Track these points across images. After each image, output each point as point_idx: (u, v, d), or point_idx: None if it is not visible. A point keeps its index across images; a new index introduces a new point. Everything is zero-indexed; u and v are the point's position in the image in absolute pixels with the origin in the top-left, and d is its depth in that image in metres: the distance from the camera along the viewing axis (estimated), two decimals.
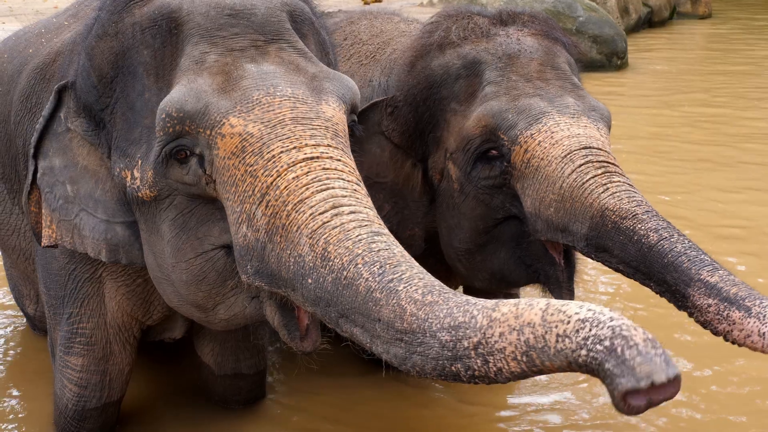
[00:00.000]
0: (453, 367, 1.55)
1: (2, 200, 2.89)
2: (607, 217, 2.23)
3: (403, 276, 1.64)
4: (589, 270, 4.12)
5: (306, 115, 1.91)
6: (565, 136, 2.36)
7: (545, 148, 2.36)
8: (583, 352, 1.38)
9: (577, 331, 1.39)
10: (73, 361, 2.64)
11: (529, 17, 2.65)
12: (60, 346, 2.65)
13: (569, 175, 2.31)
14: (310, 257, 1.74)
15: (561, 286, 2.50)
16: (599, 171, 2.30)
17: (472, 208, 2.55)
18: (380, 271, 1.65)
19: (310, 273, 1.74)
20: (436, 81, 2.57)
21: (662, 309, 3.17)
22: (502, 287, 2.68)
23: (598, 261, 2.31)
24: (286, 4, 2.12)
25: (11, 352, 3.47)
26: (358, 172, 1.92)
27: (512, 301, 1.52)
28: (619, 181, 2.29)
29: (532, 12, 2.71)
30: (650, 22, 13.49)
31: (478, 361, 1.51)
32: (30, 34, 2.88)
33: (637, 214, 2.21)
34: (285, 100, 1.92)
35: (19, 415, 3.02)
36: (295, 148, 1.85)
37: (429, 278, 1.66)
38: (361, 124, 2.68)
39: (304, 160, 1.84)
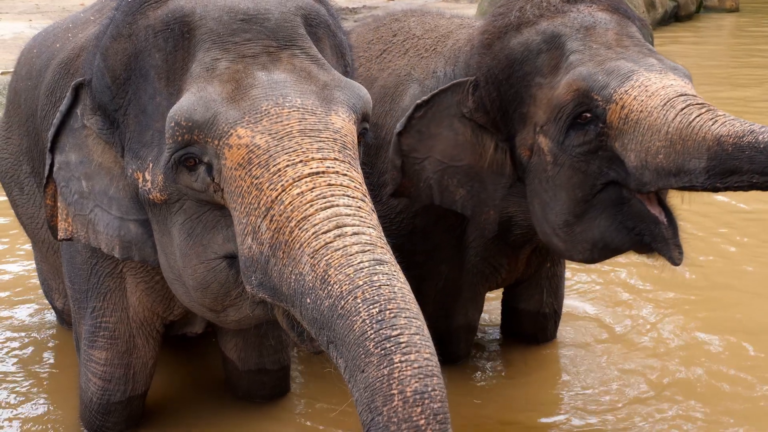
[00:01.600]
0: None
1: (32, 194, 2.92)
2: (725, 143, 2.29)
3: (400, 339, 1.58)
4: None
5: (314, 126, 1.88)
6: (659, 87, 2.43)
7: (642, 100, 2.42)
8: None
9: None
10: (97, 355, 2.66)
11: None
12: (84, 340, 2.67)
13: (674, 119, 2.37)
14: (310, 277, 1.71)
15: (668, 242, 2.53)
16: (702, 110, 2.37)
17: (568, 177, 2.57)
18: (379, 318, 1.60)
19: (309, 293, 1.71)
20: (517, 58, 2.62)
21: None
22: (603, 256, 2.69)
23: (723, 188, 2.36)
24: (301, 8, 2.08)
25: (40, 345, 3.50)
26: (364, 186, 1.88)
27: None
28: (724, 114, 2.36)
29: None
30: (677, 16, 13.35)
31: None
32: (59, 29, 2.90)
33: (754, 130, 2.29)
34: (294, 111, 1.88)
35: (47, 410, 3.04)
36: (301, 161, 1.82)
37: (425, 343, 1.60)
38: (431, 108, 2.73)
39: (309, 174, 1.80)
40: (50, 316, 3.70)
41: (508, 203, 2.80)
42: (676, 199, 2.61)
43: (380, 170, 3.01)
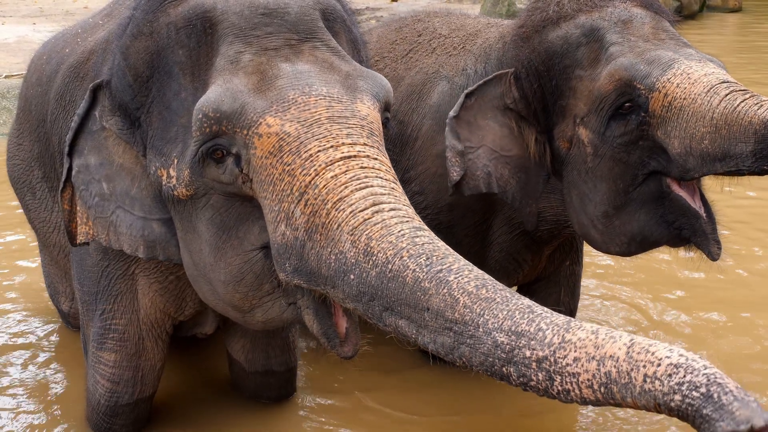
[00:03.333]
0: (504, 369, 1.59)
1: (44, 198, 2.94)
2: None
3: (452, 267, 1.68)
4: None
5: (342, 114, 1.92)
6: (701, 74, 2.47)
7: (685, 88, 2.46)
8: (677, 397, 1.43)
9: (670, 375, 1.44)
10: (105, 357, 2.67)
11: None
12: (93, 342, 2.68)
13: (718, 104, 2.41)
14: (351, 253, 1.75)
15: (708, 237, 2.57)
16: (746, 96, 2.41)
17: (609, 168, 2.61)
18: (427, 262, 1.68)
19: (352, 269, 1.75)
20: (557, 52, 2.67)
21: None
22: (640, 249, 2.72)
23: None
24: (319, 3, 2.12)
25: (45, 348, 3.51)
26: (393, 171, 1.93)
27: (587, 326, 1.56)
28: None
29: None
30: (680, 15, 13.34)
31: (540, 374, 1.55)
32: (68, 35, 2.92)
33: None
34: (320, 99, 1.92)
35: (54, 412, 3.05)
36: (332, 146, 1.86)
37: (478, 271, 1.69)
38: (477, 100, 2.76)
39: (341, 158, 1.85)
40: (56, 318, 3.71)
41: (544, 198, 2.83)
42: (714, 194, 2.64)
43: (405, 166, 3.05)
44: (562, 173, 2.76)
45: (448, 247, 1.75)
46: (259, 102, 1.92)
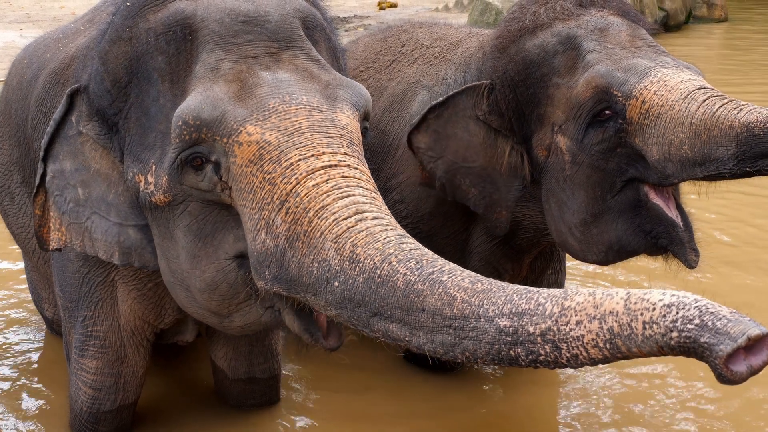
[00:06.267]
0: (512, 352, 1.60)
1: (23, 204, 2.92)
2: (754, 128, 2.35)
3: (443, 269, 1.69)
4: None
5: (322, 123, 1.92)
6: (678, 81, 2.49)
7: (662, 95, 2.48)
8: (674, 334, 1.46)
9: (664, 316, 1.47)
10: (87, 364, 2.66)
11: (605, 1, 2.79)
12: (75, 349, 2.67)
13: (696, 110, 2.42)
14: (336, 261, 1.75)
15: (685, 246, 2.58)
16: (725, 101, 2.42)
17: (587, 175, 2.62)
18: (418, 266, 1.69)
19: (336, 276, 1.75)
20: (534, 60, 2.68)
21: None
22: (617, 258, 2.73)
23: (753, 172, 2.41)
24: (299, 11, 2.13)
25: (30, 354, 3.49)
26: (373, 180, 1.93)
27: (584, 291, 1.58)
28: (746, 103, 2.42)
29: None
30: (666, 25, 13.40)
31: (546, 347, 1.57)
32: (49, 40, 2.91)
33: None
34: (301, 108, 1.93)
35: (36, 418, 3.03)
36: (312, 155, 1.87)
37: (471, 272, 1.70)
38: (447, 109, 2.78)
39: (322, 167, 1.85)
40: (40, 325, 3.69)
41: (517, 206, 2.84)
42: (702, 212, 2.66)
43: (386, 175, 3.06)
44: (540, 181, 2.77)
45: (434, 253, 1.75)
46: (240, 110, 1.92)
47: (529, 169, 2.77)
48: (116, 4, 2.21)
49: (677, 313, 1.46)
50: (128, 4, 2.13)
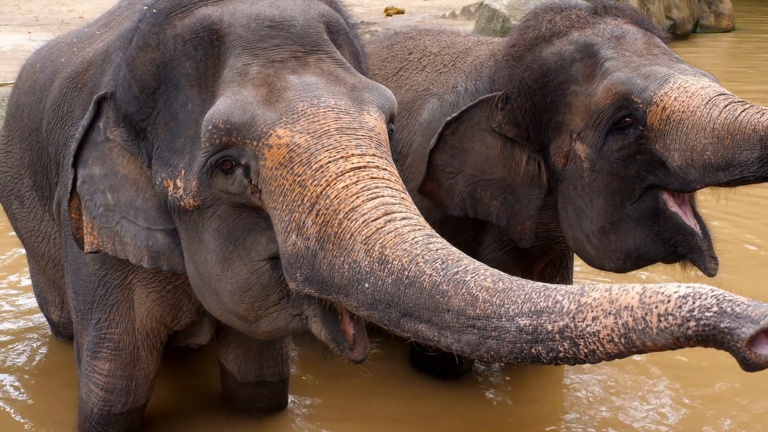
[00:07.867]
0: (533, 350, 1.62)
1: (33, 208, 2.93)
2: None
3: (468, 268, 1.71)
4: None
5: (350, 125, 1.94)
6: (698, 88, 2.50)
7: (683, 101, 2.48)
8: (692, 323, 1.46)
9: (680, 306, 1.48)
10: (100, 366, 2.67)
11: (619, 10, 2.81)
12: (87, 351, 2.68)
13: (719, 116, 2.43)
14: (366, 262, 1.77)
15: (704, 254, 2.59)
16: (746, 106, 2.44)
17: (606, 183, 2.63)
18: (443, 266, 1.71)
19: (366, 278, 1.77)
20: (551, 68, 2.69)
21: None
22: (635, 266, 2.74)
23: None
24: (323, 15, 2.15)
25: (35, 357, 3.51)
26: (401, 181, 1.95)
27: (601, 287, 1.59)
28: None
29: (618, 5, 2.87)
30: (673, 34, 13.35)
31: (565, 344, 1.58)
32: (62, 44, 2.92)
33: None
34: (329, 110, 1.95)
35: (43, 420, 3.05)
36: (342, 157, 1.89)
37: (494, 270, 1.72)
38: (462, 124, 2.79)
39: (351, 169, 1.87)
40: (45, 329, 3.70)
41: (544, 215, 2.84)
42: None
43: None
44: (556, 189, 2.78)
45: (460, 251, 1.78)
46: (269, 114, 1.94)
47: (547, 178, 2.78)
48: (141, 11, 2.23)
49: (693, 303, 1.47)
50: (154, 11, 2.15)
